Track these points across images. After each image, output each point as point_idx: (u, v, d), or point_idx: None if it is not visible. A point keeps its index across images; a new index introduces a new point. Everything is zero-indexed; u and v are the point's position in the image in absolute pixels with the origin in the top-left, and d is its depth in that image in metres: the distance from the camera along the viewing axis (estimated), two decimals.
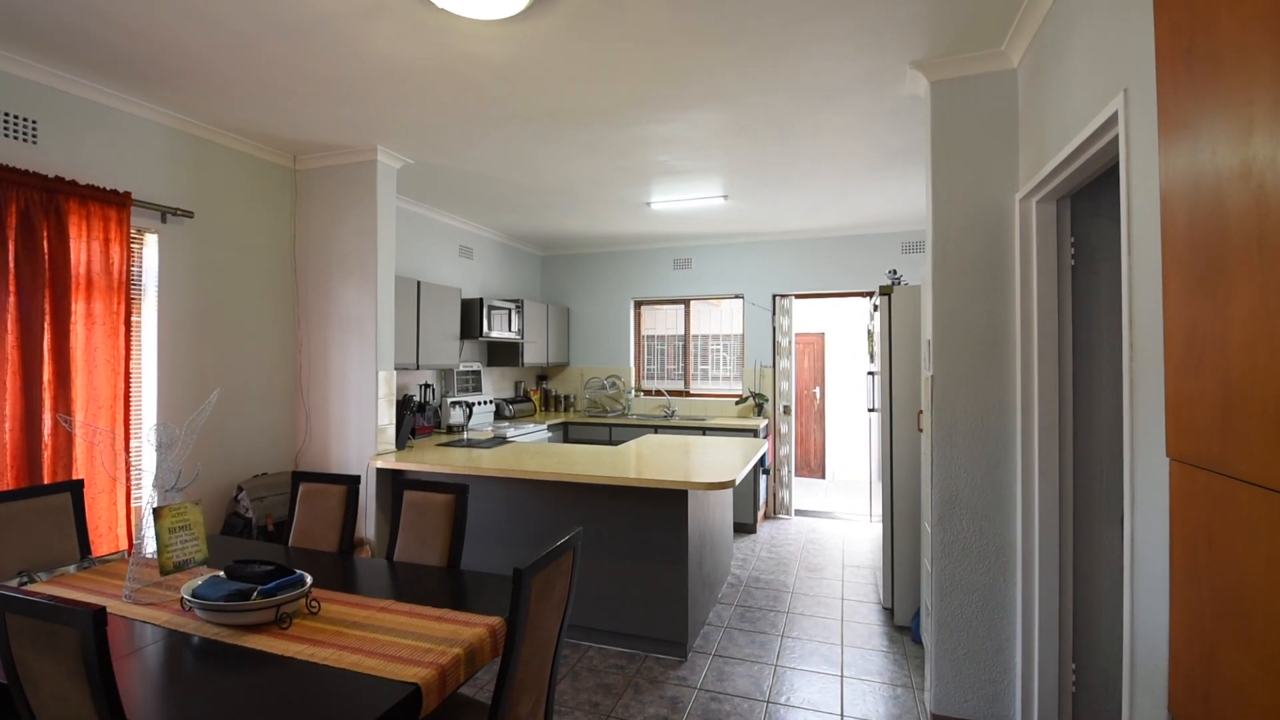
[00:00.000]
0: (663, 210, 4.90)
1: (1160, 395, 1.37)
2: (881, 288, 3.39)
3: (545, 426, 5.33)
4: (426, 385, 4.71)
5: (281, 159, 3.69)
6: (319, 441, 3.74)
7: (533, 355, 5.77)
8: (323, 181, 3.76)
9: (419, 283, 4.30)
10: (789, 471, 5.78)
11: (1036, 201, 2.31)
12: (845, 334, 8.26)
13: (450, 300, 4.65)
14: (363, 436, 3.61)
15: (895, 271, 3.58)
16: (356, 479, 2.48)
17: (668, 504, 3.05)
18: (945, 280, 2.51)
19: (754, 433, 5.21)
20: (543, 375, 6.61)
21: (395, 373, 3.74)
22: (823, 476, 8.34)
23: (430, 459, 3.49)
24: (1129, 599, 1.52)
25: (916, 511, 3.33)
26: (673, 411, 5.98)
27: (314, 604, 1.79)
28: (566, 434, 5.78)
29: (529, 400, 6.02)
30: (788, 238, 5.80)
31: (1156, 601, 1.40)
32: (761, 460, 3.67)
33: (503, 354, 5.65)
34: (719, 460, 3.41)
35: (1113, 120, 1.59)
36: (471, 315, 4.93)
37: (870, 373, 4.04)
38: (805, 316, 8.30)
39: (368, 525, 3.60)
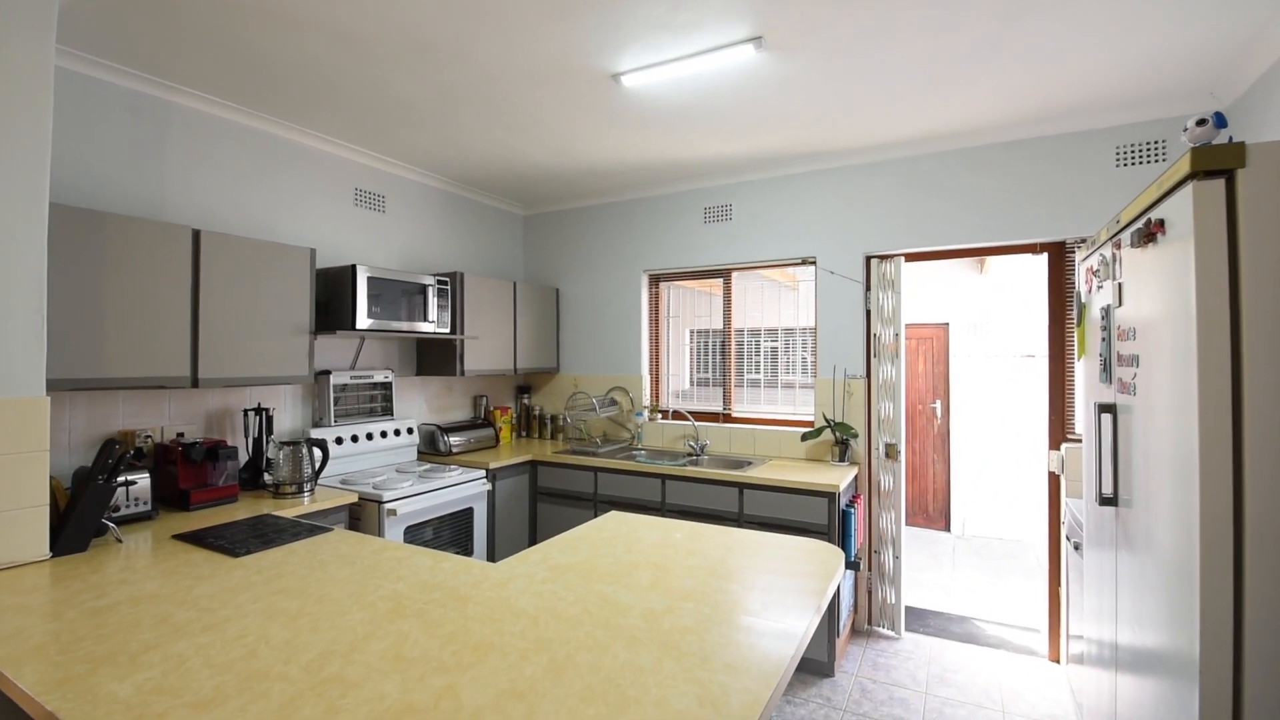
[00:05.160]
0: (645, 90, 2.72)
1: None
2: (1199, 153, 1.08)
3: (483, 474, 3.31)
4: (260, 410, 2.83)
5: None
6: None
7: (483, 359, 3.78)
8: None
9: (197, 232, 2.41)
10: (891, 555, 3.41)
11: None
12: (982, 323, 5.64)
13: (291, 267, 2.74)
14: None
15: (1219, 118, 1.23)
16: None
17: None
18: None
19: (829, 497, 2.93)
20: (525, 387, 4.62)
21: (48, 397, 1.86)
22: (947, 528, 5.78)
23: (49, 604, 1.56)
24: None
25: None
26: (702, 447, 3.78)
27: None
28: (534, 481, 3.75)
29: (488, 425, 4.04)
30: (888, 155, 3.41)
31: None
32: (849, 555, 1.84)
33: (439, 358, 3.71)
34: (753, 643, 1.23)
35: None
36: (340, 294, 3.00)
37: (1104, 407, 1.66)
38: (917, 296, 5.77)
39: None
